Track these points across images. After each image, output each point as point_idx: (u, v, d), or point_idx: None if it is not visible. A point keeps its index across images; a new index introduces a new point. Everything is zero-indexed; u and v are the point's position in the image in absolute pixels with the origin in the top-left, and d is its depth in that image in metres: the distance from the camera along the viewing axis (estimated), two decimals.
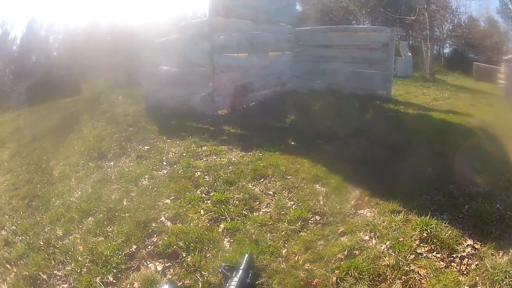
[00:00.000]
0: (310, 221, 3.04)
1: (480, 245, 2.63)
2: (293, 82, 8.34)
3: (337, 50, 8.00)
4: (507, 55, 10.48)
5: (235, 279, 1.97)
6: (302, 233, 2.88)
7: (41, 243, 3.09)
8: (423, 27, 16.47)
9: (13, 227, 3.50)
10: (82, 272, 2.63)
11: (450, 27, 16.79)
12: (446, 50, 19.07)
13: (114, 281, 2.53)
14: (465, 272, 2.40)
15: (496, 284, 2.26)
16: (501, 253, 2.51)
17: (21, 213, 3.78)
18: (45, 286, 2.60)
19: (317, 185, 3.68)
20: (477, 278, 2.33)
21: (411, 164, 4.12)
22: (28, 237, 3.21)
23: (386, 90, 7.61)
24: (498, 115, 7.32)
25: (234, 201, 3.38)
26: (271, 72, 7.59)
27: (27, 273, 2.69)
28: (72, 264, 2.74)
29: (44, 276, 2.66)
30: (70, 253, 2.87)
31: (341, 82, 7.87)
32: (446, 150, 4.53)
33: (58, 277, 2.67)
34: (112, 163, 4.72)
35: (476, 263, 2.48)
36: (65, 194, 3.96)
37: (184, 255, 2.68)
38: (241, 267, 2.11)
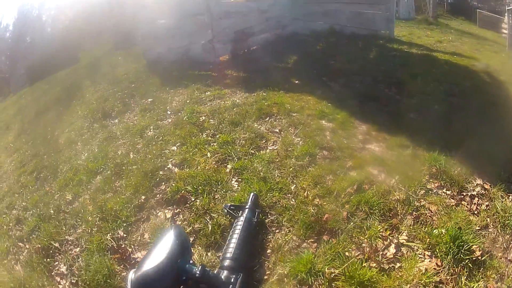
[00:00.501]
0: (317, 156, 2.89)
1: (490, 185, 2.49)
2: (294, 25, 7.90)
3: None
4: (511, 5, 9.71)
5: (241, 218, 1.86)
6: (310, 168, 2.74)
7: (52, 211, 3.02)
8: None
9: (23, 203, 3.44)
10: (93, 231, 2.55)
11: None
12: None
13: (125, 235, 2.45)
14: (475, 212, 2.28)
15: (507, 228, 2.14)
16: (511, 197, 2.37)
17: (30, 187, 3.70)
18: (57, 254, 2.51)
19: (323, 121, 3.50)
20: (488, 219, 2.21)
21: (417, 101, 3.91)
22: (38, 209, 3.13)
23: (389, 30, 7.13)
24: (502, 61, 6.89)
25: (241, 141, 3.24)
26: (270, 16, 7.22)
27: (39, 245, 2.61)
28: (83, 226, 2.67)
29: (56, 244, 2.58)
30: (80, 215, 2.80)
31: (343, 22, 7.41)
32: (452, 89, 4.27)
33: (70, 242, 2.60)
34: (116, 120, 4.58)
35: (486, 203, 2.35)
36: (72, 159, 3.85)
37: (193, 199, 2.57)
38: (247, 206, 2.00)
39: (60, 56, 12.26)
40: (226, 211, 2.13)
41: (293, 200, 2.43)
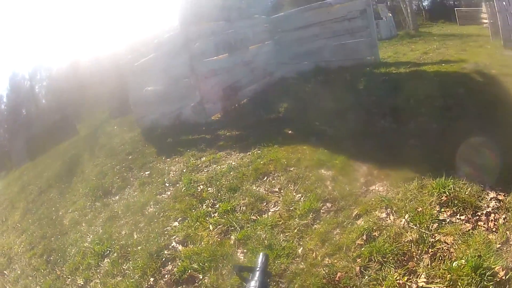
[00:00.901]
0: (321, 211, 2.87)
1: (504, 195, 2.42)
2: (281, 69, 8.11)
3: (317, 28, 7.72)
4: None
5: (253, 283, 1.79)
6: (315, 225, 2.71)
7: None
8: None
9: (37, 287, 3.45)
10: None
11: None
12: (425, 3, 18.43)
13: None
14: (494, 229, 2.20)
15: None
16: None
17: (42, 271, 3.71)
18: None
19: (322, 170, 3.50)
20: (508, 233, 2.13)
21: (414, 126, 3.91)
22: None
23: (374, 56, 7.33)
24: (490, 54, 7.01)
25: (241, 208, 3.24)
26: (256, 66, 7.40)
27: None
28: None
29: None
30: None
31: (328, 58, 7.62)
32: (447, 102, 4.29)
33: None
34: (117, 197, 4.64)
35: (504, 216, 2.28)
36: (78, 241, 3.88)
37: (201, 277, 2.55)
38: (258, 268, 1.93)
39: (59, 128, 12.72)
40: (236, 273, 2.06)
41: (302, 263, 2.39)
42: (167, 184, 4.28)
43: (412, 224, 2.44)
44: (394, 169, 3.19)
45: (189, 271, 2.62)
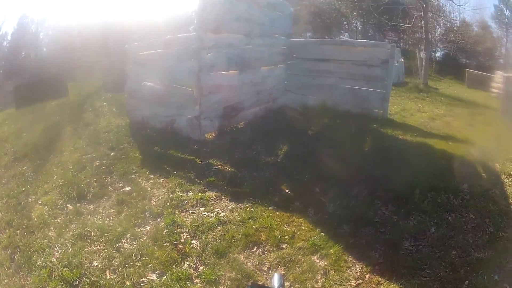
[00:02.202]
0: None
1: None
2: (286, 97, 7.51)
3: (333, 64, 7.15)
4: (508, 72, 9.68)
5: None
6: None
7: None
8: (415, 30, 15.49)
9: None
10: None
11: (443, 31, 15.73)
12: (438, 54, 18.13)
13: None
14: None
15: None
16: None
17: (6, 269, 3.12)
18: None
19: (316, 258, 2.99)
20: None
21: (414, 223, 3.44)
22: None
23: (383, 110, 6.84)
24: (498, 137, 6.61)
25: (226, 282, 2.71)
26: (263, 88, 6.74)
27: None
28: None
29: None
30: None
31: (336, 98, 7.06)
32: (450, 201, 3.85)
33: None
34: (91, 207, 3.97)
35: None
36: (45, 251, 3.26)
37: None
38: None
39: (51, 83, 11.75)
40: None
41: None
42: (148, 215, 3.65)
43: None
44: (385, 277, 2.78)
45: None
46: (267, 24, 6.74)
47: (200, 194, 3.97)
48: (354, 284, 2.79)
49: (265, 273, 2.85)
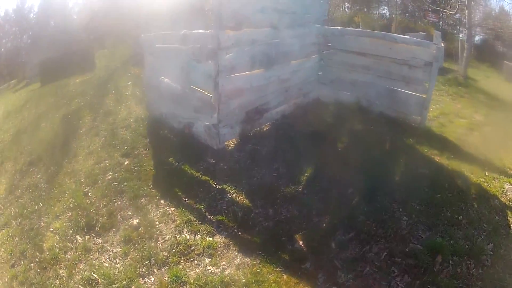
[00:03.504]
0: None
1: None
2: (318, 90, 6.31)
3: (371, 60, 5.79)
4: None
5: None
6: None
7: None
8: (453, 8, 13.05)
9: None
10: None
11: (482, 16, 13.14)
12: (476, 38, 15.54)
13: None
14: None
15: None
16: None
17: None
18: None
19: None
20: None
21: None
22: None
23: (421, 117, 5.54)
24: None
25: None
26: (292, 84, 5.59)
27: None
28: None
29: None
30: None
31: (372, 98, 5.83)
32: (470, 269, 2.87)
33: None
34: (100, 241, 3.40)
35: None
36: None
37: None
38: None
39: (78, 56, 10.92)
40: None
41: None
42: (153, 261, 3.00)
43: None
44: None
45: None
46: (299, 11, 5.43)
47: (208, 239, 3.20)
48: None
49: None
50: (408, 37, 5.64)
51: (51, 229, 3.72)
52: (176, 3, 5.16)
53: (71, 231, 3.58)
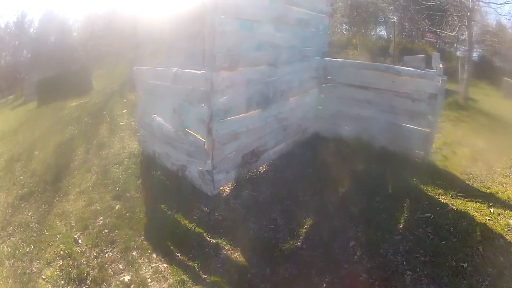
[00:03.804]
0: None
1: None
2: (317, 125, 5.95)
3: (374, 93, 5.46)
4: None
5: None
6: None
7: None
8: (453, 29, 12.75)
9: None
10: None
11: (478, 31, 12.84)
12: (474, 54, 15.17)
13: None
14: None
15: None
16: None
17: None
18: None
19: None
20: None
21: None
22: None
23: (425, 153, 5.21)
24: None
25: None
26: (291, 122, 5.24)
27: None
28: None
29: None
30: None
31: (373, 133, 5.48)
32: None
33: None
34: None
35: None
36: None
37: None
38: None
39: (75, 76, 10.58)
40: None
41: None
42: None
43: None
44: None
45: None
46: (298, 45, 5.12)
47: None
48: None
49: None
50: (411, 69, 5.29)
51: (43, 277, 3.41)
52: (173, 27, 4.82)
53: (62, 282, 3.28)
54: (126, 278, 3.25)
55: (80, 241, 3.82)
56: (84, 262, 3.48)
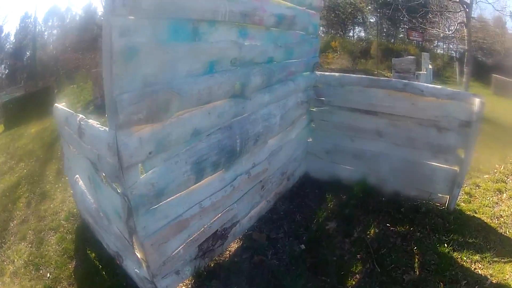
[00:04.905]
0: None
1: None
2: (307, 164, 3.93)
3: (385, 121, 3.42)
4: None
5: None
6: None
7: None
8: (432, 26, 10.63)
9: None
10: None
11: (458, 27, 10.79)
12: (456, 51, 13.05)
13: None
14: None
15: None
16: None
17: None
18: None
19: None
20: None
21: None
22: None
23: (451, 197, 3.27)
24: None
25: None
26: (270, 174, 3.19)
27: None
28: None
29: None
30: None
31: (384, 174, 3.50)
32: None
33: None
34: None
35: None
36: None
37: None
38: None
39: (42, 95, 8.45)
40: None
41: None
42: None
43: None
44: None
45: None
46: (279, 57, 2.99)
47: None
48: None
49: None
50: (437, 87, 3.28)
51: None
52: None
53: None
54: None
55: None
56: None
